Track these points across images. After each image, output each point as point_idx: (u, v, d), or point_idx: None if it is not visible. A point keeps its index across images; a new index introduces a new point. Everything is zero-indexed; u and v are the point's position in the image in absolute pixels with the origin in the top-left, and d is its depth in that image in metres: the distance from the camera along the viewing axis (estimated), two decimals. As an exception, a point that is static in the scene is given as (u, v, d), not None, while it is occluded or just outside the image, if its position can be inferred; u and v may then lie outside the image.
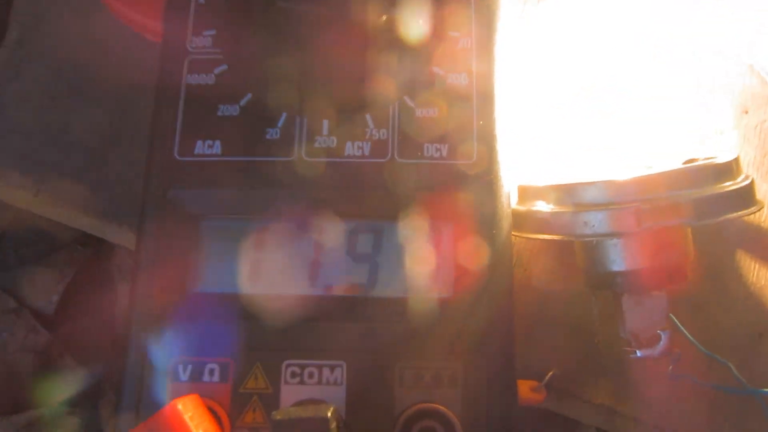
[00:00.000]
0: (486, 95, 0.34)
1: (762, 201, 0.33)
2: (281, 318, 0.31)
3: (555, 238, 0.34)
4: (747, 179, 0.33)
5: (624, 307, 0.33)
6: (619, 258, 0.33)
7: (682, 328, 0.34)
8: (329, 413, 0.26)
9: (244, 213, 0.33)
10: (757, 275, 0.39)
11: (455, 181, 0.33)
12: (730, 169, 0.33)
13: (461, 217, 0.32)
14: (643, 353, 0.33)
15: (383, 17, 0.33)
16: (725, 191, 0.32)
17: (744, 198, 0.32)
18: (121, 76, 0.42)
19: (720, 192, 0.32)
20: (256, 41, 0.34)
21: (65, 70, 0.41)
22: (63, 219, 0.41)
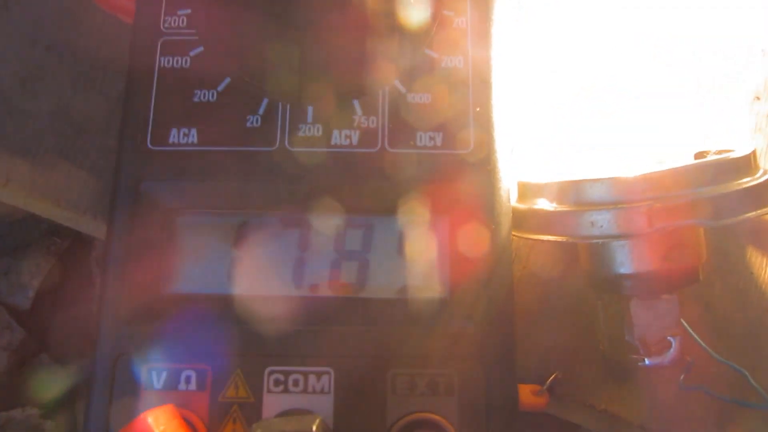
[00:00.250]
0: (483, 79, 0.32)
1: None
2: (264, 321, 0.29)
3: (558, 239, 0.31)
4: (766, 174, 0.31)
5: (632, 312, 0.31)
6: (628, 260, 0.31)
7: (695, 335, 0.31)
8: (314, 426, 0.25)
9: (222, 207, 0.31)
10: None
11: (451, 172, 0.30)
12: (747, 164, 0.31)
13: (457, 212, 0.30)
14: (652, 361, 0.31)
15: (372, -6, 0.31)
16: (744, 188, 0.30)
17: (764, 195, 0.30)
18: (97, 58, 0.39)
19: (739, 189, 0.30)
20: (234, 21, 0.32)
21: (37, 52, 0.39)
22: (35, 210, 0.39)
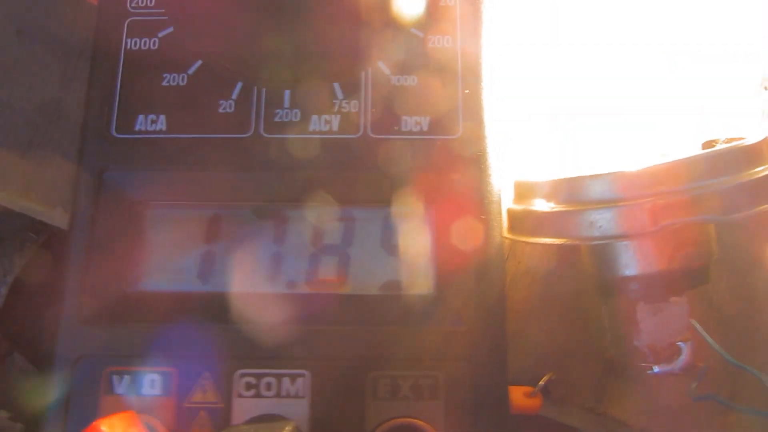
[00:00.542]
0: (473, 61, 0.30)
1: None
2: (235, 321, 0.27)
3: (556, 242, 0.29)
4: None
5: (639, 317, 0.30)
6: (633, 261, 0.29)
7: (708, 337, 0.29)
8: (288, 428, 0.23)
9: (192, 199, 0.29)
10: None
11: (438, 160, 0.28)
12: (759, 152, 0.29)
13: (445, 202, 0.28)
14: (662, 369, 0.29)
15: (355, -29, 0.29)
16: (756, 179, 0.27)
17: None
18: (71, 44, 0.37)
19: (750, 180, 0.27)
20: (207, -1, 0.30)
21: (3, 35, 0.37)
22: (6, 202, 0.37)
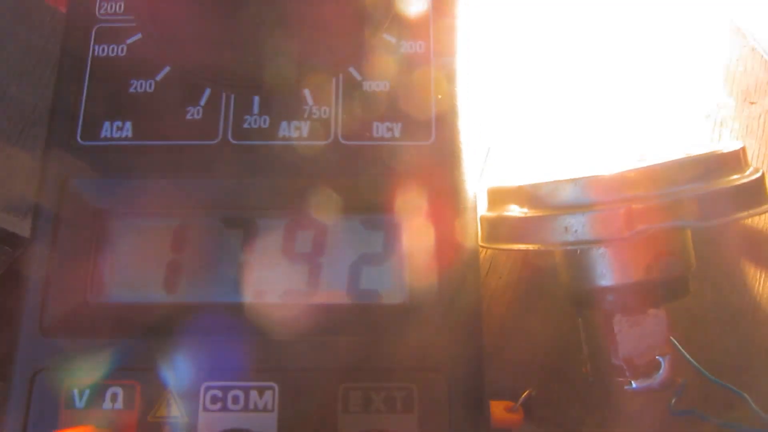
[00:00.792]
0: (446, 66, 0.29)
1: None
2: (200, 332, 0.26)
3: (530, 247, 0.29)
4: (757, 172, 0.29)
5: (616, 329, 0.29)
6: (609, 271, 0.29)
7: (686, 354, 0.29)
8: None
9: (157, 208, 0.28)
10: (764, 285, 0.35)
11: (411, 166, 0.28)
12: (737, 160, 0.29)
13: (418, 209, 0.28)
14: (640, 384, 0.28)
15: (324, -25, 0.29)
16: (733, 186, 0.28)
17: (755, 194, 0.28)
18: (41, 50, 0.37)
19: (727, 187, 0.27)
20: (175, 6, 0.29)
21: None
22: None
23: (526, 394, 0.30)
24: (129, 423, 0.25)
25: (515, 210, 0.30)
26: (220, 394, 0.26)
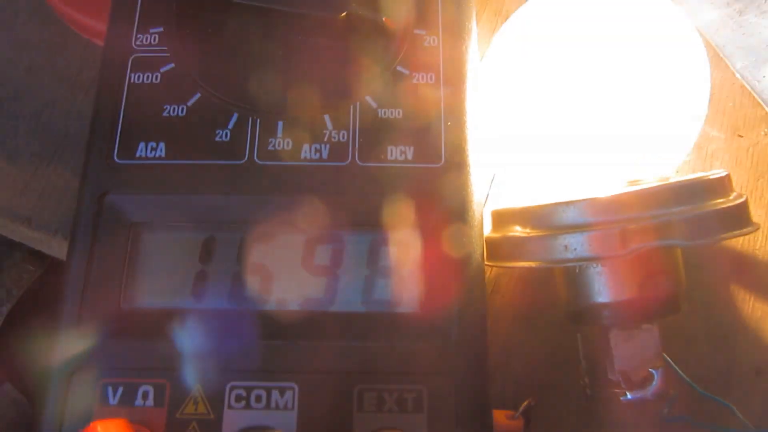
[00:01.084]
0: (454, 95, 0.31)
1: (758, 223, 0.31)
2: (226, 336, 0.28)
3: (532, 265, 0.31)
4: (741, 197, 0.30)
5: (612, 343, 0.31)
6: (605, 288, 0.31)
7: (677, 369, 0.31)
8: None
9: (188, 221, 0.30)
10: (753, 307, 0.37)
11: (422, 186, 0.30)
12: (722, 186, 0.31)
13: (428, 226, 0.30)
14: (635, 395, 0.30)
15: (343, 13, 0.31)
16: (719, 209, 0.29)
17: (739, 217, 0.30)
18: (73, 79, 0.39)
19: (713, 210, 0.29)
20: (206, 38, 0.32)
21: (14, 71, 0.39)
22: (6, 231, 0.38)
23: (526, 403, 0.32)
24: (159, 419, 0.27)
25: (518, 230, 0.32)
26: (244, 393, 0.27)
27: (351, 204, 0.30)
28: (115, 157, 0.30)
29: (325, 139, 0.31)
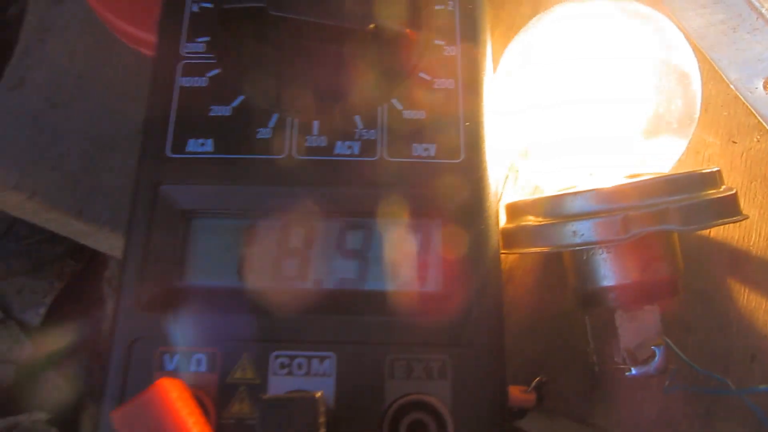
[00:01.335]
0: (472, 99, 0.35)
1: (746, 214, 0.34)
2: (270, 310, 0.31)
3: (544, 250, 0.34)
4: (731, 190, 0.33)
5: (618, 323, 0.33)
6: (610, 273, 0.33)
7: (674, 347, 0.33)
8: (317, 394, 0.26)
9: (234, 208, 0.33)
10: (748, 298, 0.39)
11: (444, 179, 0.33)
12: (714, 180, 0.34)
13: (449, 213, 0.33)
14: (639, 371, 0.33)
15: (372, 25, 0.34)
16: (711, 198, 0.32)
17: (729, 206, 0.33)
18: (121, 86, 0.43)
19: (706, 199, 0.32)
20: (248, 47, 0.35)
21: (66, 78, 0.42)
22: (55, 225, 0.41)
23: (537, 379, 0.35)
24: (211, 383, 0.30)
25: (531, 219, 0.35)
26: (287, 361, 0.30)
27: (380, 195, 0.33)
28: (168, 152, 0.33)
29: (356, 137, 0.34)
